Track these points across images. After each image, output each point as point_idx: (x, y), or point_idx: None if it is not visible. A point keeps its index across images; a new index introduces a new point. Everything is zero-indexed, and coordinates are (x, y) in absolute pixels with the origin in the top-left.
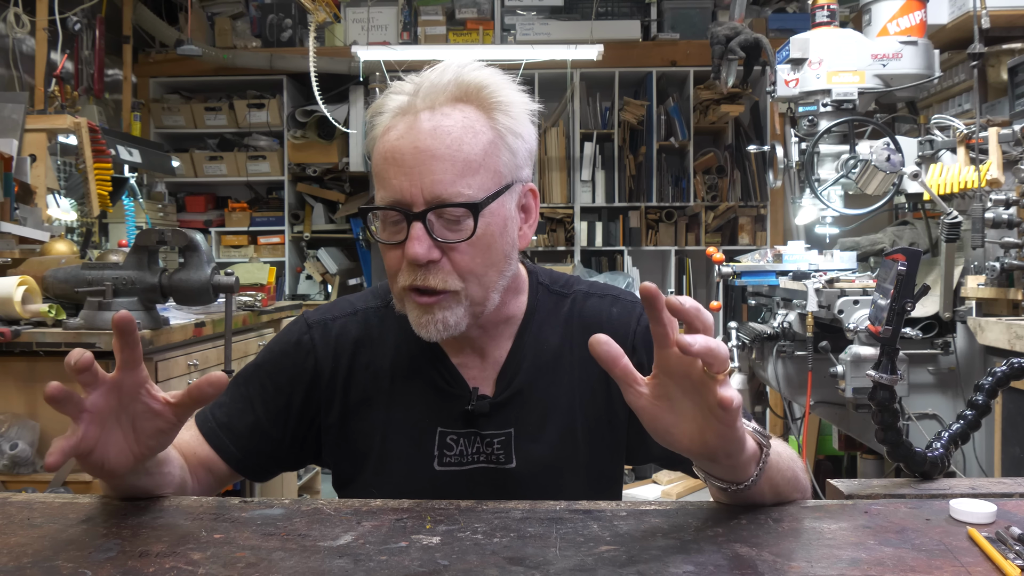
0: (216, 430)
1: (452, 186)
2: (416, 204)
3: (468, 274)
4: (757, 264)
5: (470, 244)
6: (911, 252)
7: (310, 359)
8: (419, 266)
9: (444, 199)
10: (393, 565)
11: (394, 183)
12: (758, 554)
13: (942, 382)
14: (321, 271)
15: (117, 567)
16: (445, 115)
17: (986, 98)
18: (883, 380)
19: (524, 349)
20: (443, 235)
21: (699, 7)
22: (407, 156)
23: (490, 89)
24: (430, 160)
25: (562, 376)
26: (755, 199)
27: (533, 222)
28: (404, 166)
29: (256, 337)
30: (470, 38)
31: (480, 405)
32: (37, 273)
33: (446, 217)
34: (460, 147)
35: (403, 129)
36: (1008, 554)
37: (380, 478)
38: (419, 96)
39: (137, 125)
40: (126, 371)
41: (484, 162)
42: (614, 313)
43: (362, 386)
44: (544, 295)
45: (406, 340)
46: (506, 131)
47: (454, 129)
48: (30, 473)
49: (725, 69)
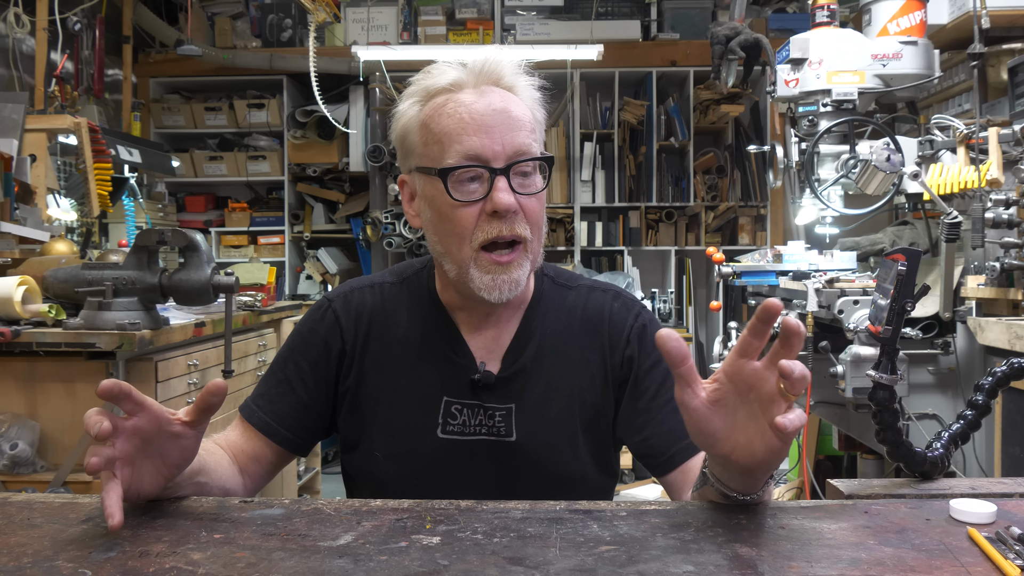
0: (264, 418)
1: (527, 140)
2: (497, 160)
3: (535, 225)
4: (757, 264)
5: (538, 197)
6: (911, 252)
7: (335, 330)
8: (503, 218)
9: (524, 152)
10: (393, 565)
11: (474, 141)
12: (758, 554)
13: (942, 382)
14: (321, 271)
15: (117, 567)
16: (502, 93)
17: (986, 98)
18: (883, 380)
19: (530, 331)
20: (522, 188)
21: (699, 7)
22: (486, 117)
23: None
24: (508, 119)
25: (563, 360)
26: (755, 199)
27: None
28: (483, 125)
29: (256, 337)
30: (470, 38)
31: (485, 376)
32: (37, 273)
33: (521, 172)
34: (523, 112)
35: (471, 98)
36: (1008, 554)
37: (384, 442)
38: (476, 74)
39: (137, 125)
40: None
41: (536, 127)
42: (615, 307)
43: (375, 353)
44: (549, 285)
45: (420, 313)
46: (540, 115)
47: (511, 100)
48: (30, 473)
49: (725, 69)
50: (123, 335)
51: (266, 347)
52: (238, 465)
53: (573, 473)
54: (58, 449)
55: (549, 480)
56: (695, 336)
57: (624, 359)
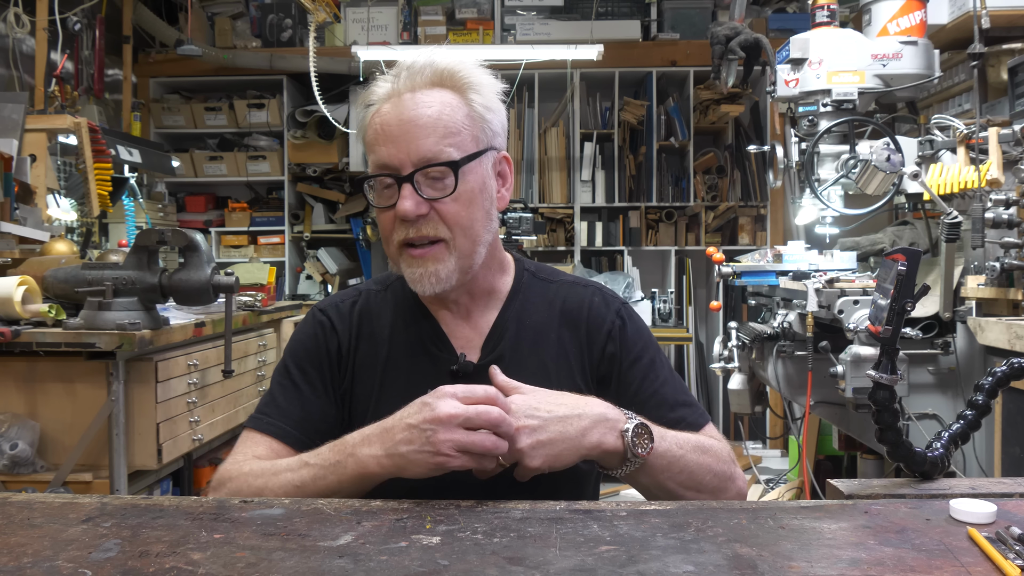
0: (275, 423)
1: (435, 147)
2: (404, 168)
3: (455, 225)
4: (757, 264)
5: (454, 199)
6: (911, 252)
7: (332, 335)
8: (410, 221)
9: (428, 159)
10: (393, 565)
11: (383, 152)
12: (758, 554)
13: (942, 382)
14: (321, 271)
15: (117, 567)
16: (425, 94)
17: (986, 98)
18: (883, 380)
19: (508, 321)
20: (429, 193)
21: (699, 7)
22: (393, 128)
23: (462, 73)
24: (414, 128)
25: (542, 350)
26: (755, 199)
27: (509, 186)
28: (391, 136)
29: (256, 337)
30: (470, 38)
31: (464, 365)
32: (37, 273)
33: (431, 176)
34: (440, 117)
35: (389, 108)
36: (1008, 554)
37: None
38: (400, 81)
39: (137, 125)
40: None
41: (461, 129)
42: (595, 302)
43: (364, 353)
44: (529, 279)
45: (402, 312)
46: (479, 106)
47: (434, 104)
48: (30, 473)
49: (725, 69)
50: (123, 335)
51: (266, 347)
52: None
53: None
54: (58, 449)
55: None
56: (695, 336)
57: (605, 355)
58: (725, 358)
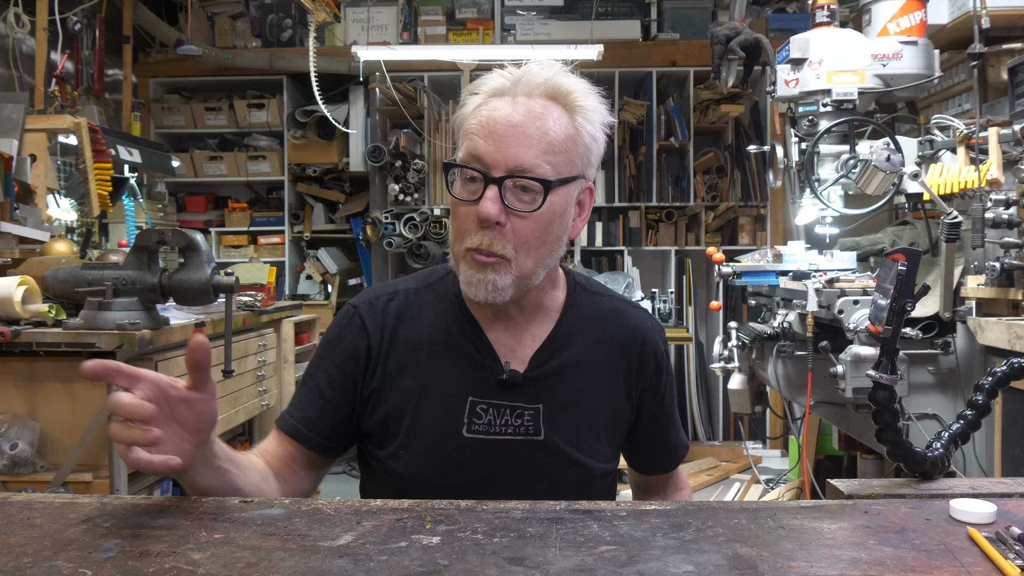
0: (294, 424)
1: (534, 160)
2: (497, 169)
3: (523, 244)
4: (757, 264)
5: (533, 217)
6: (911, 252)
7: (362, 335)
8: (485, 229)
9: (524, 169)
10: (393, 565)
11: (482, 146)
12: (758, 554)
13: (942, 382)
14: (321, 271)
15: (117, 567)
16: (538, 104)
17: (986, 98)
18: (883, 380)
19: (564, 335)
20: (512, 202)
21: (699, 7)
22: (500, 127)
23: (576, 94)
24: (520, 135)
25: (593, 369)
26: (755, 199)
27: (585, 216)
28: (495, 135)
29: (256, 337)
30: (470, 38)
31: (512, 375)
32: (37, 273)
33: (519, 187)
34: (546, 131)
35: (501, 105)
36: (1008, 554)
37: (410, 441)
38: (518, 84)
39: (137, 125)
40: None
41: (563, 149)
42: (648, 326)
43: (400, 356)
44: (582, 293)
45: (444, 316)
46: (584, 132)
47: (545, 116)
48: (30, 473)
49: (725, 69)
50: (123, 335)
51: (266, 347)
52: (272, 470)
53: (593, 473)
54: (58, 449)
55: (570, 479)
56: (695, 336)
57: (649, 386)
58: (725, 358)
